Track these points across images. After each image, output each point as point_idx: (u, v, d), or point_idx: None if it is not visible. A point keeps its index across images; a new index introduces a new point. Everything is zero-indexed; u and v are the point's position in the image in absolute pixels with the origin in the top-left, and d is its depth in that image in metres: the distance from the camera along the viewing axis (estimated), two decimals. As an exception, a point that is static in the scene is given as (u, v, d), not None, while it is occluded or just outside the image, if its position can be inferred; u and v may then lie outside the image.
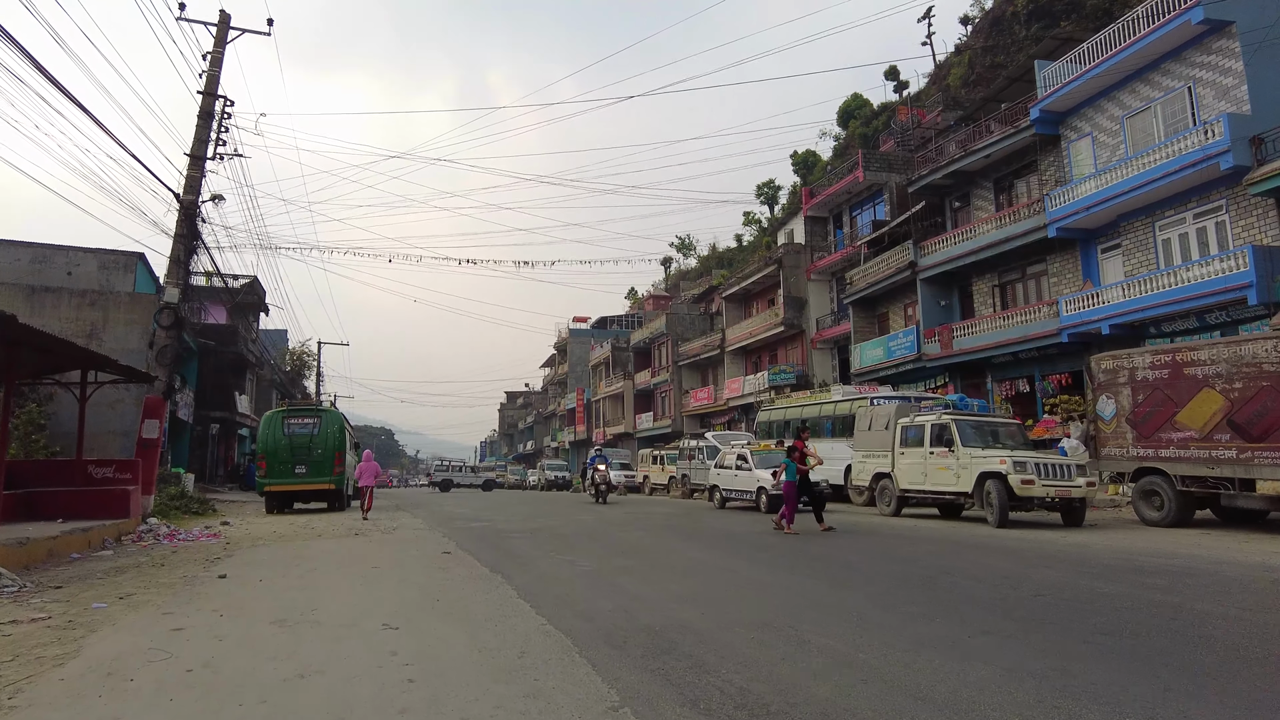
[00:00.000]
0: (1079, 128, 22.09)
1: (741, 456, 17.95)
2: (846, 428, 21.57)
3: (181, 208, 13.79)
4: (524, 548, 10.64)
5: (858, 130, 58.65)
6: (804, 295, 35.75)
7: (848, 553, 9.71)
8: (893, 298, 29.95)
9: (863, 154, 32.78)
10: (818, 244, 36.53)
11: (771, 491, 16.58)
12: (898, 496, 15.61)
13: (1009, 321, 23.54)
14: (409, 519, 17.03)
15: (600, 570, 8.30)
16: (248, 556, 9.55)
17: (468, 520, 16.15)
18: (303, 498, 21.42)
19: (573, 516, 17.06)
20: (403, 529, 13.95)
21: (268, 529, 13.95)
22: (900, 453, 15.65)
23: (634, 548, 10.61)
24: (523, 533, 12.87)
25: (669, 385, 48.34)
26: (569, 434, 68.86)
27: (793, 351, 37.04)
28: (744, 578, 7.80)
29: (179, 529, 12.56)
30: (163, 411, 13.21)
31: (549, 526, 14.03)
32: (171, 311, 13.45)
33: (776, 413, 25.40)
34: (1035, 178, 24.03)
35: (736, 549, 10.35)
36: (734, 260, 73.02)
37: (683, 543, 11.23)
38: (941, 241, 26.41)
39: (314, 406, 21.00)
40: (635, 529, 13.58)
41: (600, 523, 15.06)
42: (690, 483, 26.83)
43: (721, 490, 18.69)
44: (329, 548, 10.72)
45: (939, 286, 27.21)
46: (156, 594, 6.71)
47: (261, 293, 40.97)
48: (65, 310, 25.88)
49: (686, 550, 10.28)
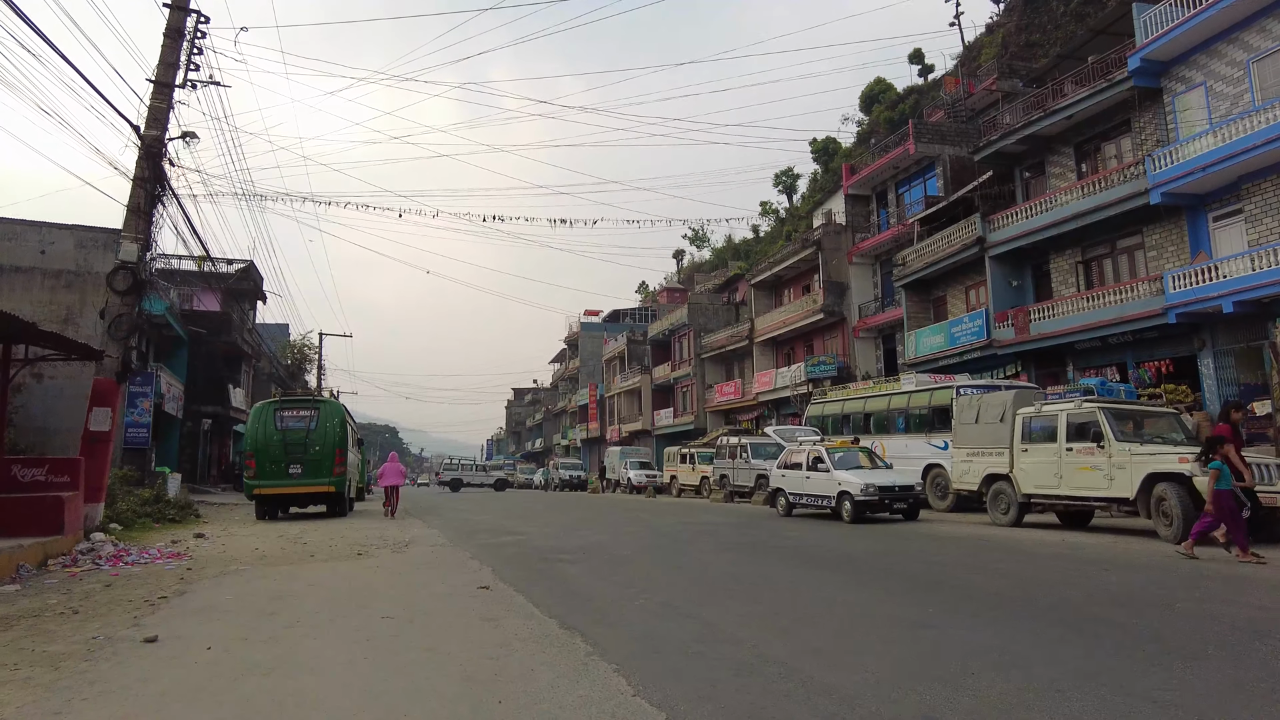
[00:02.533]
0: (1187, 78, 19.23)
1: (817, 456, 15.16)
2: (923, 423, 18.78)
3: (142, 145, 11.05)
4: (585, 579, 7.87)
5: (883, 114, 55.91)
6: (845, 280, 32.92)
7: (1109, 589, 6.91)
8: (952, 280, 27.12)
9: (914, 124, 29.93)
10: (859, 224, 33.70)
11: (860, 497, 13.80)
12: (1019, 503, 12.81)
13: (1099, 301, 20.70)
14: (423, 529, 14.27)
15: (722, 625, 5.53)
16: (207, 596, 6.79)
17: (494, 533, 13.37)
18: (298, 501, 18.69)
19: (617, 527, 14.28)
20: (418, 545, 11.18)
21: (249, 544, 11.20)
22: (1022, 449, 12.85)
23: (732, 578, 7.83)
24: (570, 553, 10.10)
25: (691, 379, 45.55)
26: (580, 431, 66.12)
27: (831, 341, 34.21)
28: (979, 646, 5.00)
29: (133, 546, 9.81)
30: (116, 398, 10.48)
31: (598, 544, 11.25)
32: (129, 273, 10.72)
33: (831, 406, 22.58)
34: (1129, 139, 21.19)
35: (886, 581, 7.55)
36: (751, 251, 70.26)
37: (796, 570, 8.44)
38: (1014, 215, 23.56)
39: (310, 397, 18.29)
40: (708, 546, 10.80)
41: (658, 537, 12.28)
42: (731, 484, 24.03)
43: (788, 494, 15.91)
44: (322, 577, 7.95)
45: (1009, 265, 24.38)
46: (15, 690, 3.95)
47: (258, 279, 38.24)
48: (37, 293, 23.15)
49: (813, 584, 7.50)
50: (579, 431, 66.83)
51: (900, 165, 31.14)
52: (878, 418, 20.37)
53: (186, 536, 12.24)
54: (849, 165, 34.79)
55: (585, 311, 73.81)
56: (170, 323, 28.67)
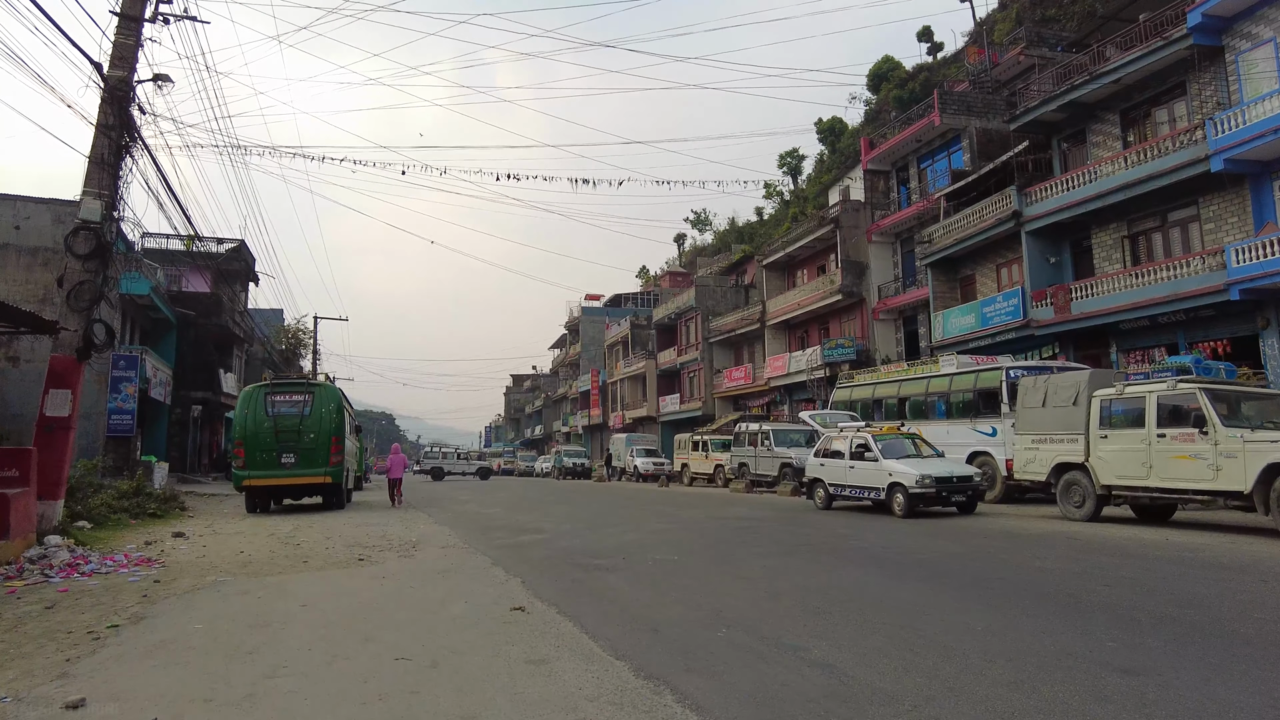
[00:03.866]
0: (1254, 34, 17.76)
1: (862, 444, 13.76)
2: (967, 408, 17.42)
3: (106, 87, 9.55)
4: (638, 595, 6.49)
5: (892, 93, 54.34)
6: (864, 259, 31.46)
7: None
8: (982, 257, 25.70)
9: (939, 94, 28.40)
10: (879, 201, 32.21)
11: (915, 489, 12.42)
12: (1096, 495, 11.45)
13: (1149, 278, 19.30)
14: (430, 525, 12.88)
15: (851, 670, 4.14)
16: (169, 625, 5.38)
17: (511, 530, 11.97)
18: (291, 493, 17.30)
19: (644, 523, 12.89)
20: (427, 545, 9.78)
21: (234, 546, 9.80)
22: (1100, 436, 11.48)
23: (815, 593, 6.44)
24: (605, 556, 8.71)
25: (698, 364, 44.13)
26: (582, 418, 64.73)
27: (849, 323, 32.79)
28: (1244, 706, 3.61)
29: (95, 552, 8.39)
30: (76, 378, 9.04)
31: (633, 544, 9.86)
32: (91, 235, 9.24)
33: (861, 390, 21.19)
34: (1184, 103, 19.73)
35: (1006, 596, 6.17)
36: (755, 234, 68.68)
37: (884, 581, 7.06)
38: (1053, 187, 22.11)
39: (304, 381, 16.85)
40: (761, 548, 9.42)
41: (697, 536, 10.89)
42: (752, 473, 22.65)
43: (828, 485, 14.52)
44: (317, 593, 6.55)
45: (1047, 241, 22.95)
46: None
47: (250, 259, 36.67)
48: (12, 270, 21.64)
49: (919, 600, 6.11)
50: (580, 418, 65.45)
51: (923, 138, 29.64)
52: (914, 402, 18.99)
53: (164, 535, 10.83)
54: (867, 139, 33.23)
55: (586, 296, 72.23)
56: (156, 304, 27.14)
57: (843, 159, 58.51)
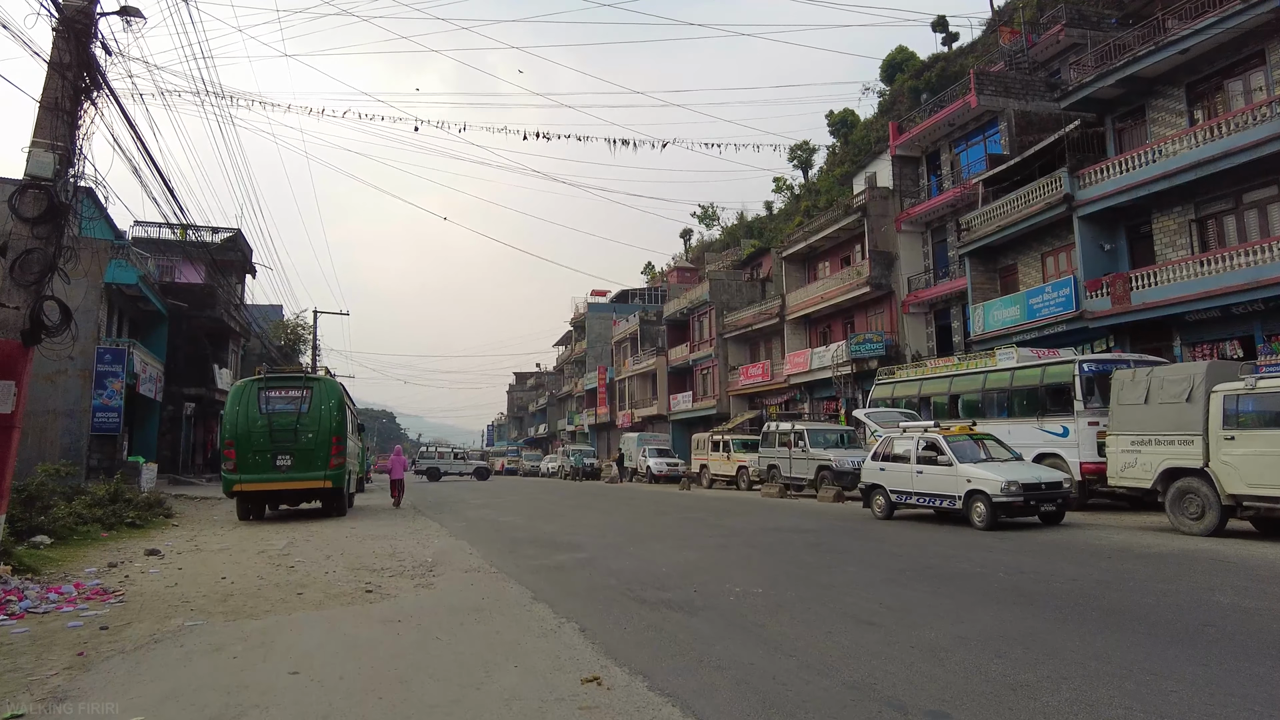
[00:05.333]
0: (1347, -6, 16.14)
1: (932, 445, 12.14)
2: (1033, 405, 15.81)
3: (60, 16, 7.93)
4: (744, 653, 4.87)
5: (907, 83, 52.81)
6: (893, 249, 29.83)
7: None
8: (1025, 246, 24.07)
9: (975, 74, 26.78)
10: (908, 189, 30.58)
11: (1000, 498, 10.79)
12: (1221, 506, 9.84)
13: (1222, 265, 17.66)
14: (442, 536, 11.26)
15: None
16: (96, 712, 3.75)
17: (541, 546, 10.33)
18: (288, 499, 15.69)
19: (694, 537, 11.26)
20: (446, 569, 8.16)
21: (216, 567, 8.19)
22: (1225, 437, 9.86)
23: (984, 642, 4.82)
24: (673, 587, 7.09)
25: (712, 361, 42.51)
26: (588, 417, 63.11)
27: (876, 317, 31.16)
28: None
29: (38, 581, 6.77)
30: (23, 366, 7.43)
31: (697, 568, 8.24)
32: (42, 194, 7.63)
33: (905, 386, 19.57)
34: (1262, 72, 18.09)
35: (1232, 652, 4.55)
36: (764, 229, 67.12)
37: (1064, 625, 5.43)
38: (1109, 168, 20.48)
39: (302, 374, 15.22)
40: (859, 574, 7.81)
41: (767, 555, 9.27)
42: (784, 476, 21.02)
43: (889, 492, 12.90)
44: (313, 649, 4.93)
45: (1101, 226, 21.31)
46: None
47: (247, 249, 35.02)
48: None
49: (1134, 655, 4.48)
50: (586, 416, 63.84)
51: (956, 121, 28.02)
52: (968, 399, 17.38)
53: (137, 552, 9.23)
54: (896, 123, 31.56)
55: (592, 292, 70.59)
56: (145, 294, 25.50)
57: (856, 151, 56.97)
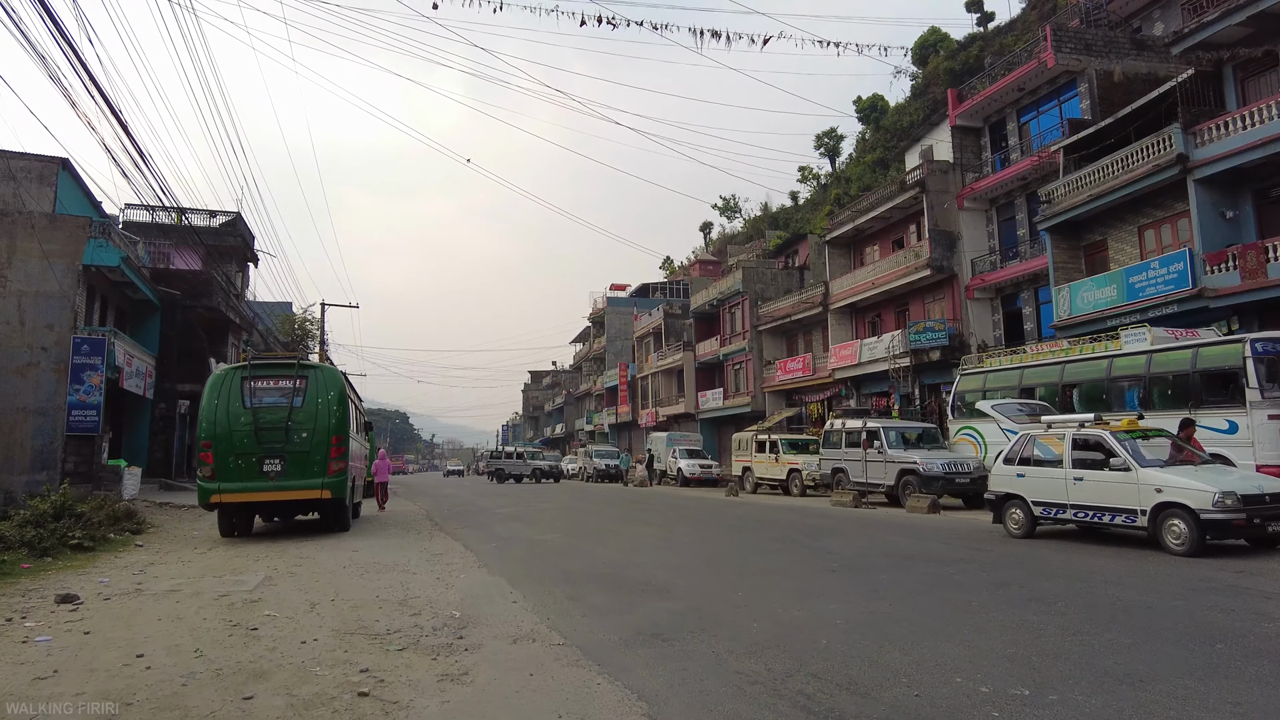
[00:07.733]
0: None
1: (1097, 443, 9.37)
2: (1182, 395, 13.02)
3: None
4: None
5: (942, 64, 50.02)
6: (955, 229, 27.00)
7: None
8: (1117, 219, 21.21)
9: (1052, 29, 23.92)
10: (969, 163, 27.74)
11: (1211, 514, 8.02)
12: None
13: (1387, 229, 14.83)
14: (468, 564, 8.61)
15: None
16: None
17: (609, 586, 7.60)
18: (280, 511, 13.12)
19: (813, 577, 8.53)
20: (484, 636, 5.49)
21: (140, 632, 5.58)
22: None
23: None
24: (854, 665, 4.41)
25: (745, 355, 39.76)
26: (608, 416, 60.52)
27: (934, 304, 28.32)
28: None
29: None
30: None
31: (863, 622, 5.56)
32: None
33: (999, 376, 16.79)
34: None
35: None
36: (790, 220, 64.39)
37: None
38: (1230, 123, 17.63)
39: (295, 360, 12.57)
40: (1114, 643, 5.11)
41: (964, 614, 6.55)
42: (854, 482, 18.24)
43: (1032, 504, 10.15)
44: None
45: (1221, 191, 18.44)
46: None
47: (249, 236, 32.58)
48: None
49: None
50: (606, 415, 61.24)
51: (1027, 85, 25.20)
52: (1087, 389, 14.61)
53: (46, 597, 6.64)
54: (955, 91, 28.69)
55: (611, 286, 67.98)
56: (132, 279, 23.00)
57: (888, 136, 54.16)
